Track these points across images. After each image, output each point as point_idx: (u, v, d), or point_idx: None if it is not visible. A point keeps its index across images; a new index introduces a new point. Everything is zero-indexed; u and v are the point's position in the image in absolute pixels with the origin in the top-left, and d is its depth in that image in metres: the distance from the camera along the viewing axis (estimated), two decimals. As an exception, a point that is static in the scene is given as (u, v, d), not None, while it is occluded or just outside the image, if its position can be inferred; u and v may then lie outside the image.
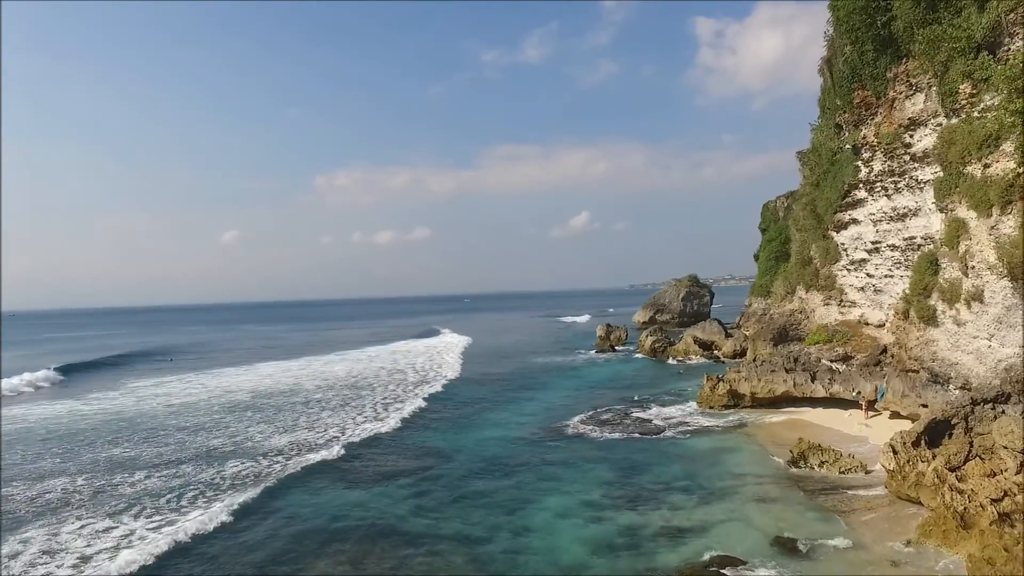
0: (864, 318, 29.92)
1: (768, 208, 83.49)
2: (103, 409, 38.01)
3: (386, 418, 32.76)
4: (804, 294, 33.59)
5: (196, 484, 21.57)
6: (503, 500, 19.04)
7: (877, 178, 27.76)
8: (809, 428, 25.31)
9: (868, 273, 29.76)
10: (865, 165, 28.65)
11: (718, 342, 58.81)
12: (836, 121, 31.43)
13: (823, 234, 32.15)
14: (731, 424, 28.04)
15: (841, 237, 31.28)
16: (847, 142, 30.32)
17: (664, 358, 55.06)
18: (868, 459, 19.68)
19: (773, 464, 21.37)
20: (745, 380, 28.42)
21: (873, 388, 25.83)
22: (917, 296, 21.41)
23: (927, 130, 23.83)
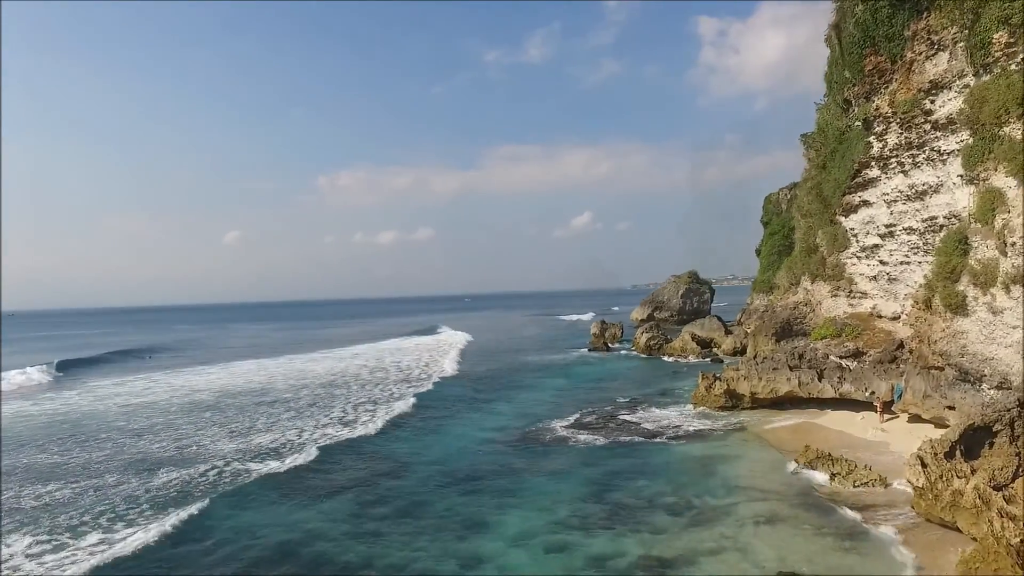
0: (877, 310, 26.96)
1: (770, 201, 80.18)
2: (51, 410, 35.28)
3: (351, 422, 29.90)
4: (809, 285, 30.60)
5: (110, 499, 18.71)
6: (458, 520, 16.15)
7: (892, 153, 24.82)
8: (817, 433, 22.36)
9: (881, 260, 26.79)
10: (878, 140, 25.71)
11: (717, 339, 55.92)
12: (844, 96, 28.47)
13: (830, 219, 29.14)
14: (728, 428, 25.06)
15: (850, 222, 28.30)
16: (857, 117, 27.37)
17: (660, 356, 52.53)
18: (888, 471, 16.77)
19: (775, 476, 18.45)
20: (744, 379, 25.47)
21: (889, 388, 22.91)
22: (943, 282, 18.50)
23: (952, 93, 20.92)
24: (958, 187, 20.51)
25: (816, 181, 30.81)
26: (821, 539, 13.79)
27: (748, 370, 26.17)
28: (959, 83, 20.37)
